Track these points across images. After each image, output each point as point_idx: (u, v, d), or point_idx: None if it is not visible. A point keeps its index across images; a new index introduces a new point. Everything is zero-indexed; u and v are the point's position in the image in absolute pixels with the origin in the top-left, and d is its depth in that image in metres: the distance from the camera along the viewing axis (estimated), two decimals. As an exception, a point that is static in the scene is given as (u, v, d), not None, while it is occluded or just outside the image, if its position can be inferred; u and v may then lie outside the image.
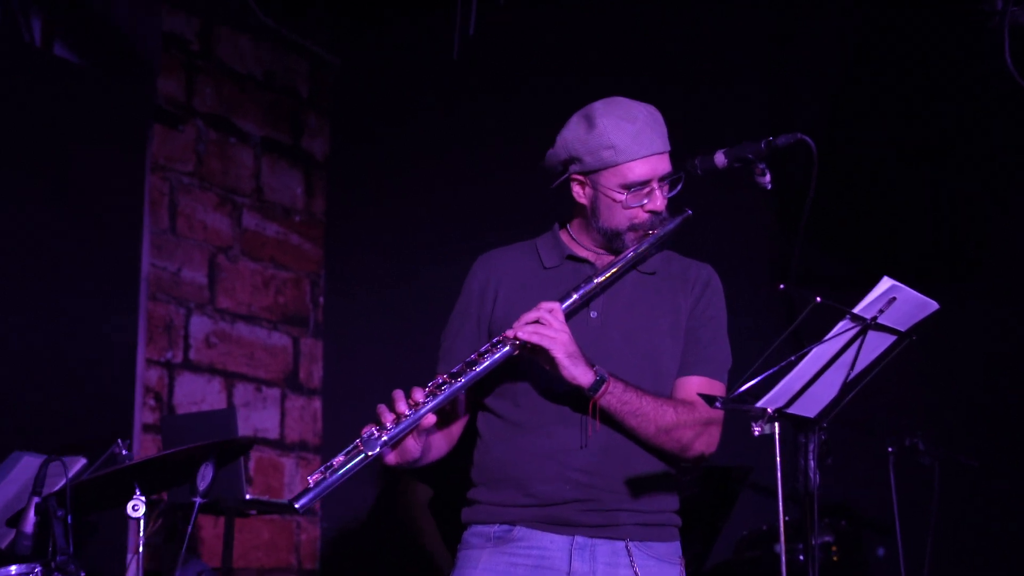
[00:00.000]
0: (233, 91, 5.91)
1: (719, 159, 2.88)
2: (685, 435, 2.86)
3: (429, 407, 2.74)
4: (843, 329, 2.57)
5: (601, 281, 2.90)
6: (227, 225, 5.81)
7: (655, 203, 2.91)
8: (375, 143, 6.27)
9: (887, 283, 2.53)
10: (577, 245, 3.03)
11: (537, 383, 2.89)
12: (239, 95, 5.94)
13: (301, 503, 2.66)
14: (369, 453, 2.68)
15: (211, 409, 5.31)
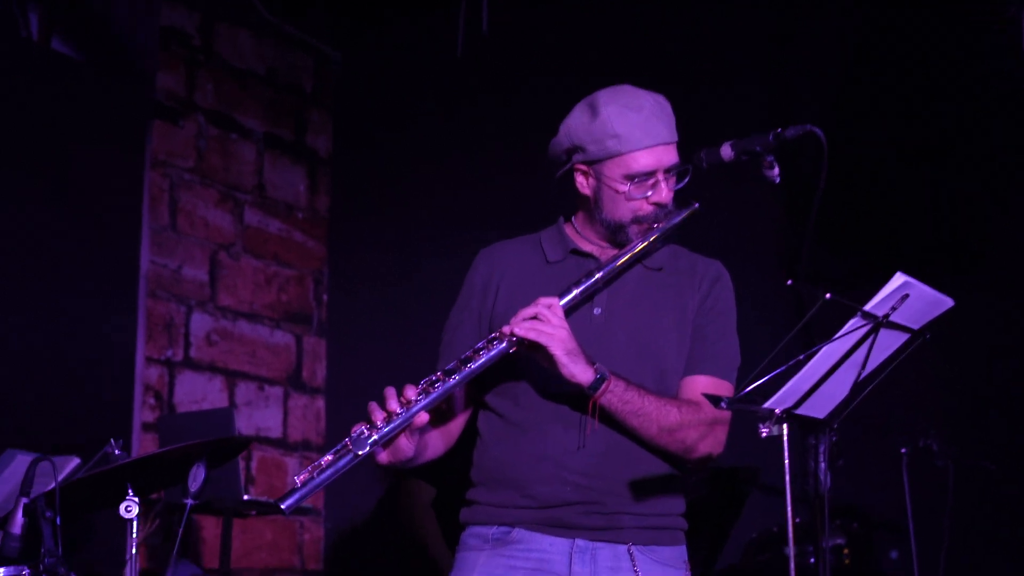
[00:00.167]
0: (234, 87, 5.83)
1: (726, 152, 2.79)
2: (689, 436, 2.77)
3: (421, 406, 2.65)
4: (854, 327, 2.47)
5: (603, 276, 2.81)
6: (229, 222, 5.74)
7: (660, 195, 2.82)
8: (379, 140, 6.19)
9: (900, 279, 2.43)
10: (581, 239, 2.94)
11: (537, 381, 2.80)
12: (241, 91, 5.86)
13: (287, 504, 2.58)
14: (359, 453, 2.59)
15: (210, 408, 5.23)
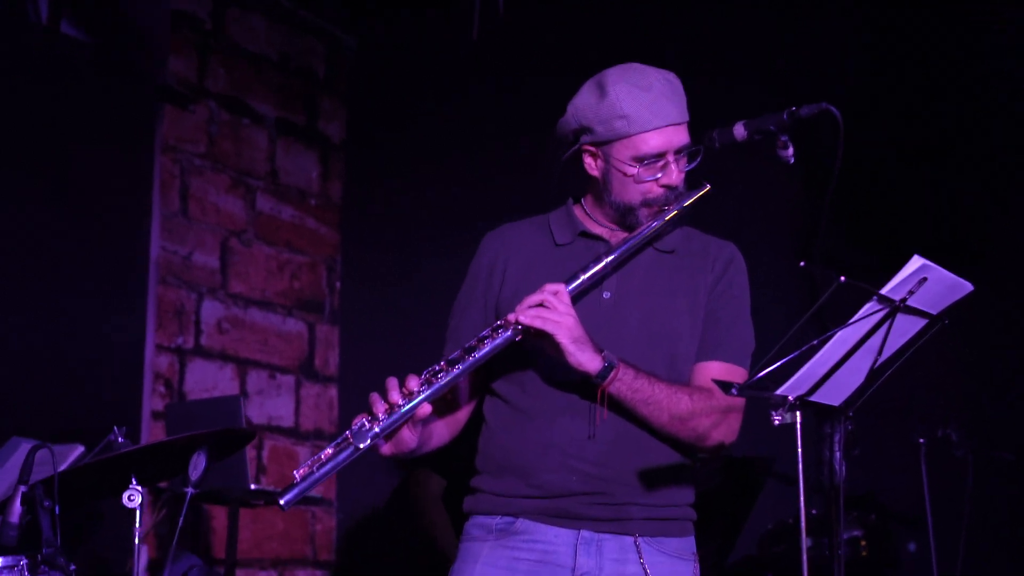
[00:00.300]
0: (247, 72, 5.77)
1: (739, 131, 2.71)
2: (702, 424, 2.71)
3: (424, 397, 2.59)
4: (870, 311, 2.40)
5: (611, 260, 2.74)
6: (240, 208, 5.68)
7: (670, 177, 2.75)
8: (393, 126, 6.13)
9: (917, 262, 2.35)
10: (591, 221, 2.87)
11: (545, 368, 2.74)
12: (253, 76, 5.80)
13: (286, 499, 2.53)
14: (360, 446, 2.54)
15: (218, 396, 5.18)
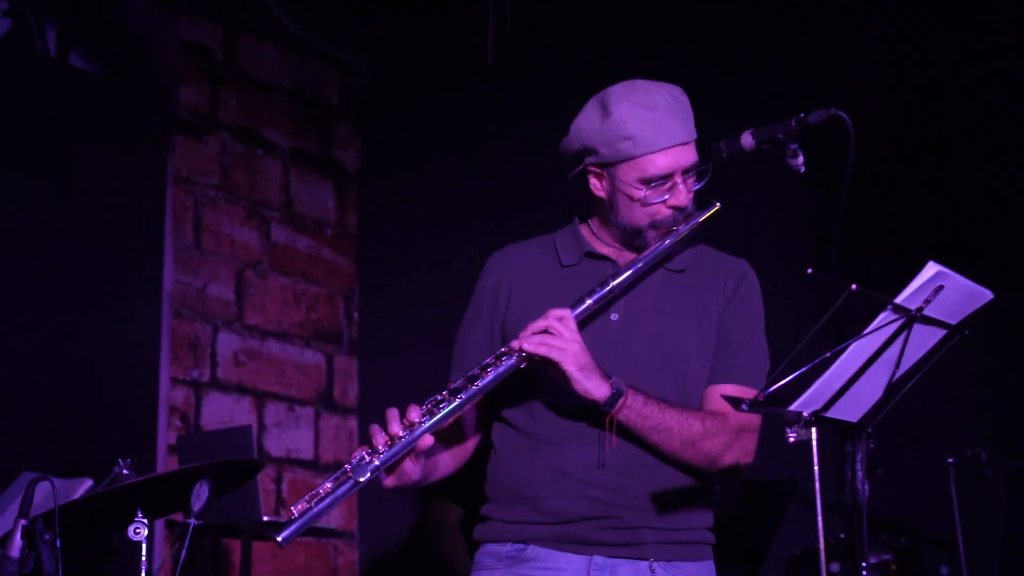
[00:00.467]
0: (259, 101, 5.73)
1: (746, 141, 2.63)
2: (714, 447, 2.62)
3: (426, 428, 2.52)
4: (885, 321, 2.31)
5: (618, 284, 2.66)
6: (255, 239, 5.63)
7: (678, 198, 2.67)
8: (409, 154, 6.08)
9: (932, 269, 2.26)
10: (598, 241, 2.80)
11: (553, 394, 2.66)
12: (266, 105, 5.76)
13: (283, 536, 2.45)
14: (359, 480, 2.46)
15: (229, 427, 5.12)
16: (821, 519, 2.44)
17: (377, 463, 2.49)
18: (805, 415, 2.36)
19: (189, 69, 5.43)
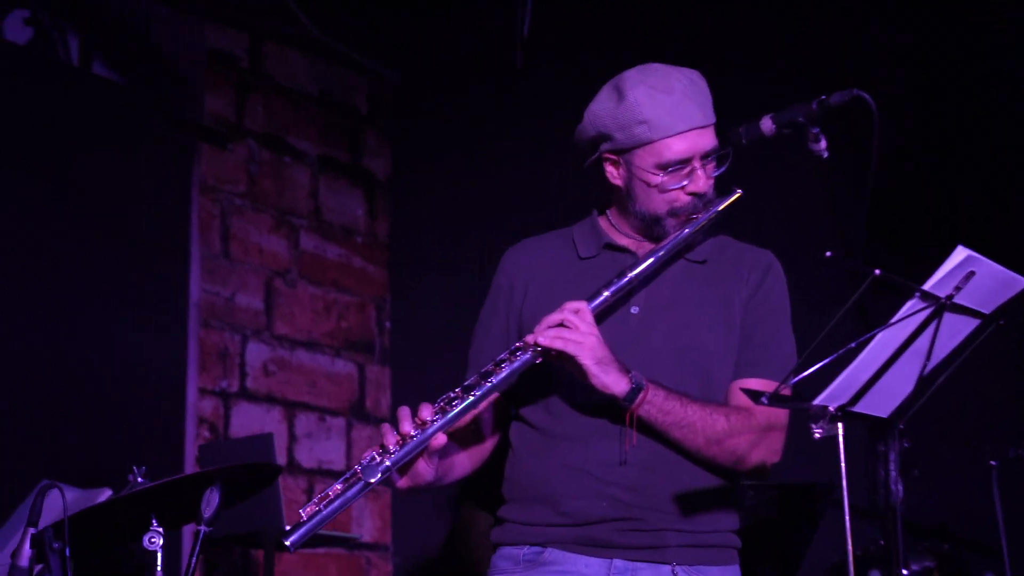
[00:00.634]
0: (286, 109, 5.68)
1: (766, 125, 2.52)
2: (739, 444, 2.51)
3: (438, 427, 2.44)
4: (913, 309, 2.19)
5: (637, 274, 2.56)
6: (284, 248, 5.57)
7: (697, 184, 2.57)
8: (439, 160, 6.01)
9: (962, 254, 2.14)
10: (616, 232, 2.71)
11: (572, 390, 2.57)
12: (293, 113, 5.71)
13: (292, 539, 2.37)
14: (370, 481, 2.38)
15: (251, 435, 5.05)
16: (848, 520, 2.33)
17: (388, 463, 2.41)
18: (831, 409, 2.25)
19: (215, 77, 5.39)
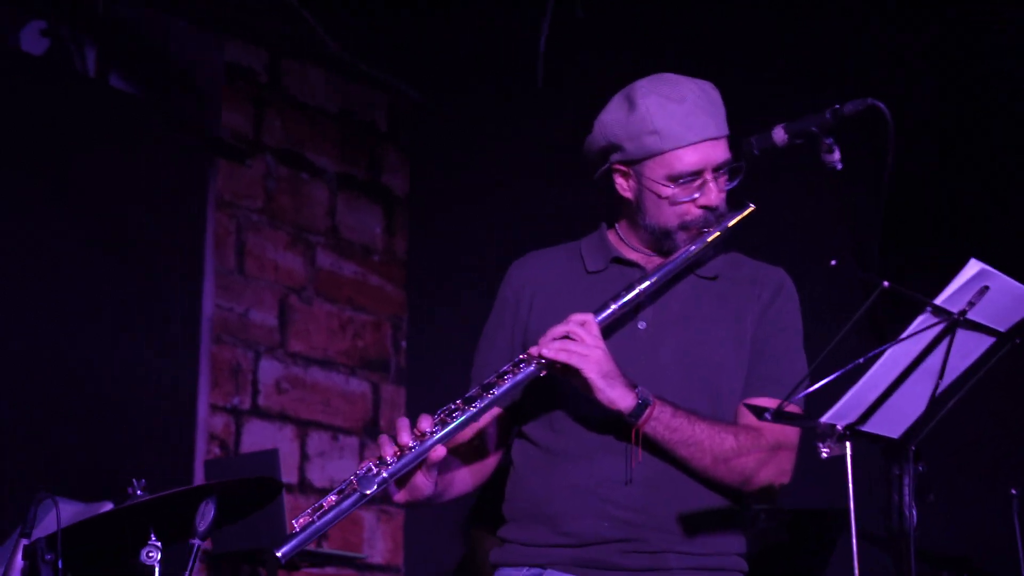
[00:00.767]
0: (305, 125, 5.65)
1: (778, 135, 2.46)
2: (747, 464, 2.44)
3: (437, 438, 2.37)
4: (924, 325, 2.11)
5: (646, 288, 2.50)
6: (300, 264, 5.53)
7: (708, 197, 2.51)
8: (459, 178, 5.96)
9: (975, 267, 2.07)
10: (625, 246, 2.65)
11: (576, 406, 2.50)
12: (311, 129, 5.68)
13: (283, 551, 2.30)
14: (366, 492, 2.31)
15: (256, 450, 5.00)
16: (856, 544, 2.24)
17: (385, 475, 2.34)
18: (839, 428, 2.18)
19: (232, 92, 5.36)
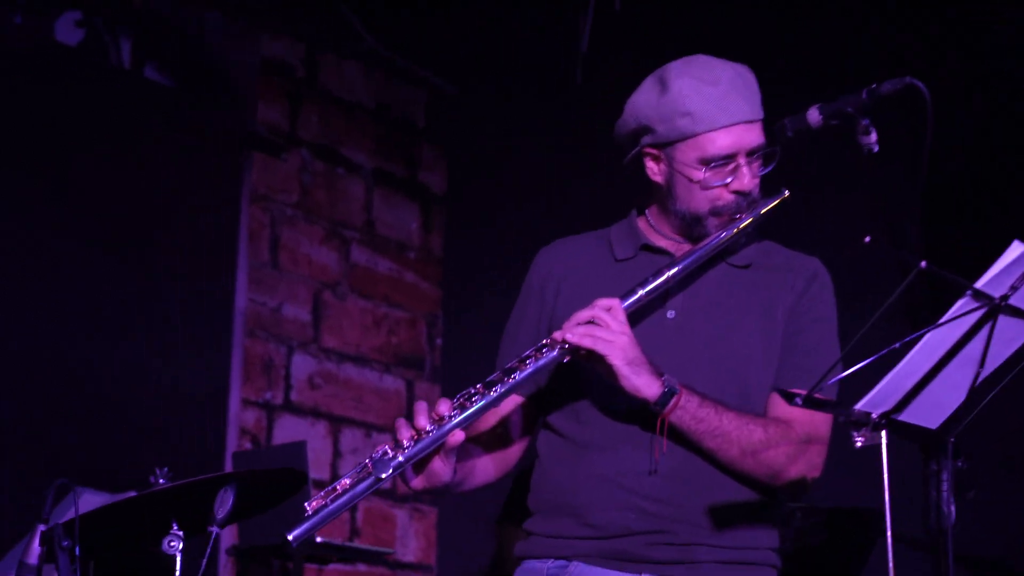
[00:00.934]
0: (341, 120, 5.61)
1: (813, 117, 2.39)
2: (777, 457, 2.36)
3: (456, 423, 2.30)
4: (964, 310, 2.04)
5: (674, 274, 2.43)
6: (334, 260, 5.49)
7: (741, 182, 2.44)
8: (496, 176, 5.90)
9: (1019, 249, 1.99)
10: (655, 233, 2.57)
11: (602, 395, 2.43)
12: (348, 124, 5.64)
13: (295, 535, 2.25)
14: (380, 476, 2.25)
15: (284, 442, 4.96)
16: (890, 538, 2.16)
17: (401, 459, 2.27)
18: (874, 417, 2.10)
19: (268, 86, 5.33)
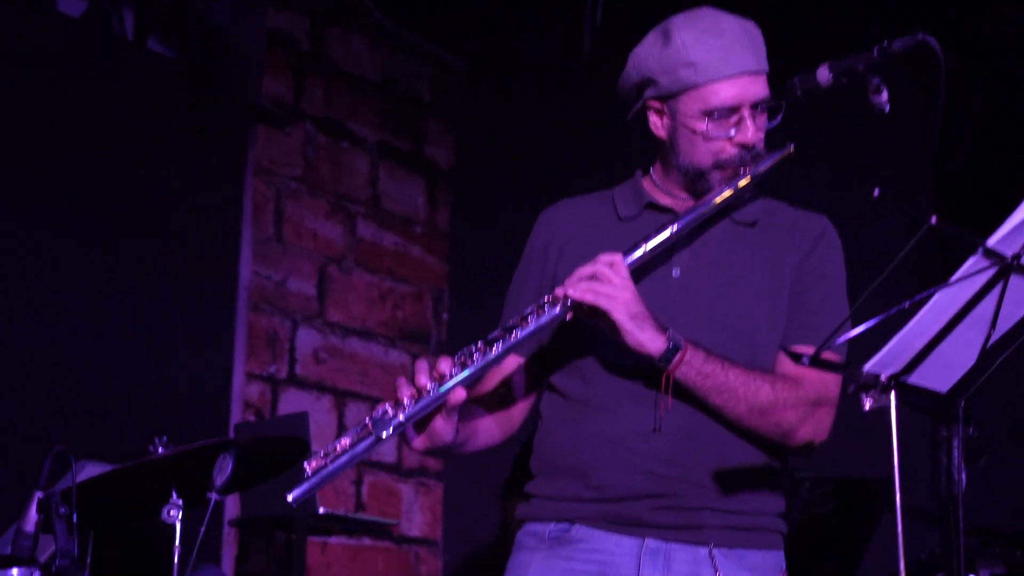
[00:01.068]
0: (346, 94, 5.57)
1: (823, 75, 2.34)
2: (786, 417, 2.33)
3: (456, 380, 2.26)
4: (975, 268, 1.99)
5: (678, 230, 2.39)
6: (339, 234, 5.46)
7: (745, 134, 2.39)
8: (503, 150, 5.86)
9: (1031, 206, 1.95)
10: (660, 192, 2.54)
11: (605, 352, 2.39)
12: (353, 98, 5.60)
13: (294, 495, 2.22)
14: (381, 436, 2.21)
15: (287, 414, 4.94)
16: (900, 512, 2.12)
17: (401, 418, 2.24)
18: (882, 378, 2.06)
19: (273, 59, 5.29)
